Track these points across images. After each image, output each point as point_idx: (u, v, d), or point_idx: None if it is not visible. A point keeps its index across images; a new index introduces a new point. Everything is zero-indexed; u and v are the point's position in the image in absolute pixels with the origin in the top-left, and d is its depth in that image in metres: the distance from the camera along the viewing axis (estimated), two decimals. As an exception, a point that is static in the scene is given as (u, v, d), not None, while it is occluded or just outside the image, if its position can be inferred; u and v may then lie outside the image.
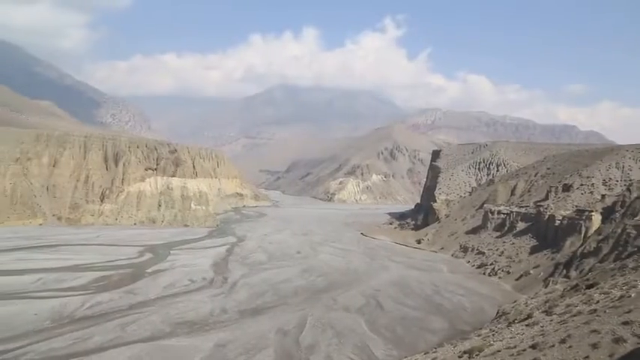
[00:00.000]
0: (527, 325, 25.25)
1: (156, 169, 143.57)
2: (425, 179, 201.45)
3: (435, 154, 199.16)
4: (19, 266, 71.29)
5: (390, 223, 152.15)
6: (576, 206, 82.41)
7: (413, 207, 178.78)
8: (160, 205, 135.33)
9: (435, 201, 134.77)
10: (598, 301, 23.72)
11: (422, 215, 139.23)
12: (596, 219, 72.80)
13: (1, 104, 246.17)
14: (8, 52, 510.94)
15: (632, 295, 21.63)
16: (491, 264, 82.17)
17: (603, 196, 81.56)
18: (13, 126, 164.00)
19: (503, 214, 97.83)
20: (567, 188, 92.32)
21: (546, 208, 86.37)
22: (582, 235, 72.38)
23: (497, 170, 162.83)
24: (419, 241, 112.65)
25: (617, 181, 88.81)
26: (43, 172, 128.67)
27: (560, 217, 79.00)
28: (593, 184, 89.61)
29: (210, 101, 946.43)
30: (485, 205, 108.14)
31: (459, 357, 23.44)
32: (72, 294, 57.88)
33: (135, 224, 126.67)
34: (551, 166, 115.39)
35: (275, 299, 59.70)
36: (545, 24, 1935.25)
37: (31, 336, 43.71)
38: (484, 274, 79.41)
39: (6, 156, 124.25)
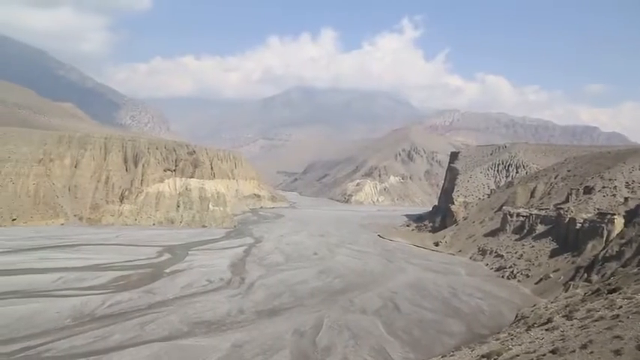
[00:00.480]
0: (546, 330, 24.90)
1: (174, 170, 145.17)
2: (443, 181, 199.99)
3: (453, 156, 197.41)
4: (41, 265, 72.72)
5: (408, 225, 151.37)
6: (598, 209, 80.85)
7: (430, 209, 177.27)
8: (178, 206, 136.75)
9: (453, 203, 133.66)
10: (621, 307, 23.26)
11: (439, 217, 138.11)
12: (619, 222, 71.36)
13: (25, 107, 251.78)
14: (33, 56, 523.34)
15: (656, 301, 21.18)
16: (510, 267, 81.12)
17: (626, 199, 79.99)
18: (37, 128, 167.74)
19: (523, 216, 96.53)
20: (589, 191, 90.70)
21: (567, 211, 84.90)
22: (604, 238, 71.03)
23: (517, 172, 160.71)
24: (436, 244, 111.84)
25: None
26: (65, 173, 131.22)
27: (582, 220, 77.68)
28: (615, 186, 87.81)
29: (228, 103, 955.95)
30: (503, 208, 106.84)
31: (477, 361, 23.22)
32: (92, 293, 58.80)
33: (154, 225, 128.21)
34: (571, 168, 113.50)
35: (292, 300, 59.81)
36: (565, 24, 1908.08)
37: (53, 333, 44.52)
38: (503, 277, 78.44)
39: (29, 157, 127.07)
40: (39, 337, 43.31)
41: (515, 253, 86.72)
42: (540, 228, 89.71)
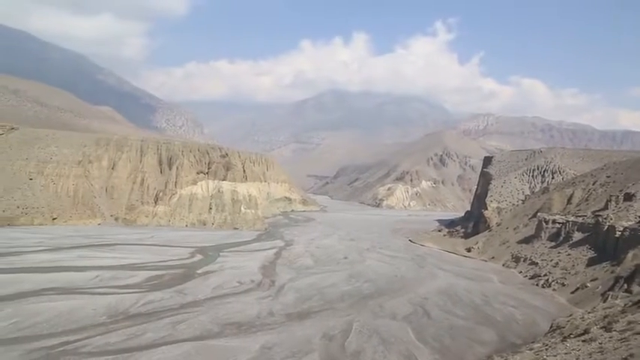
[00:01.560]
0: (583, 341, 24.15)
1: (207, 173, 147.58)
2: (476, 186, 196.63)
3: (487, 161, 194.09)
4: (79, 263, 75.05)
5: (439, 231, 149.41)
6: (639, 217, 77.90)
7: (463, 214, 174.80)
8: (210, 208, 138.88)
9: (486, 208, 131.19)
10: (663, 319, 22.35)
11: (472, 223, 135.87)
12: (662, 231, 68.58)
13: (67, 110, 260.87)
14: (75, 61, 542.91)
15: (701, 314, 20.26)
16: (545, 275, 78.98)
17: (670, 206, 76.80)
18: (77, 130, 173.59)
19: (559, 223, 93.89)
20: (629, 197, 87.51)
21: (606, 218, 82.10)
22: (646, 247, 68.31)
23: (553, 178, 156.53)
24: (469, 250, 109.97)
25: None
26: (103, 175, 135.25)
27: (622, 228, 74.89)
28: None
29: (260, 106, 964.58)
30: (539, 214, 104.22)
31: (510, 370, 22.71)
32: (127, 291, 60.25)
33: (186, 226, 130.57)
34: (611, 173, 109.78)
35: (321, 304, 59.81)
36: (605, 24, 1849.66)
37: (90, 330, 45.85)
38: (537, 285, 76.44)
39: (70, 159, 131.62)
40: (76, 333, 44.69)
41: (551, 260, 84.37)
42: (577, 235, 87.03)
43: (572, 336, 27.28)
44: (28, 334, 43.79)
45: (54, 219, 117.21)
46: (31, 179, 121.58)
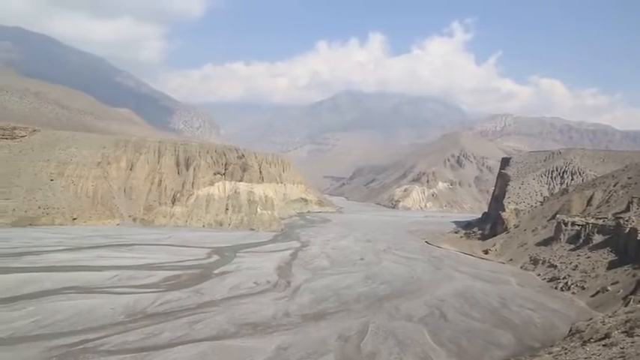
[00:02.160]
0: (604, 346, 23.74)
1: (224, 174, 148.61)
2: (493, 187, 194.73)
3: (505, 162, 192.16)
4: (98, 263, 76.13)
5: (456, 232, 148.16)
6: (662, 219, 76.29)
7: (480, 216, 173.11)
8: (227, 209, 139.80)
9: (504, 210, 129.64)
10: (685, 323, 21.87)
11: (489, 225, 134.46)
12: (685, 234, 67.05)
13: (86, 112, 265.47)
14: (94, 63, 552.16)
15: None
16: (564, 278, 77.72)
17: (693, 208, 75.08)
18: (96, 132, 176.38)
19: (578, 225, 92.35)
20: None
21: (627, 221, 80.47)
22: (669, 250, 66.87)
23: (572, 179, 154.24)
24: (486, 252, 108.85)
25: None
26: (121, 176, 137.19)
27: (643, 231, 73.44)
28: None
29: (276, 108, 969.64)
30: (557, 216, 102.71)
31: (527, 374, 22.45)
32: (144, 291, 60.92)
33: (203, 226, 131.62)
34: (633, 175, 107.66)
35: (337, 305, 59.73)
36: (623, 23, 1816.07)
37: (108, 328, 46.49)
38: (556, 288, 75.28)
39: (89, 160, 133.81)
40: (95, 332, 45.37)
41: (570, 263, 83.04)
42: (597, 238, 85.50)
43: (592, 340, 26.85)
44: (48, 332, 44.63)
45: (74, 219, 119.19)
46: (52, 180, 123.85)
